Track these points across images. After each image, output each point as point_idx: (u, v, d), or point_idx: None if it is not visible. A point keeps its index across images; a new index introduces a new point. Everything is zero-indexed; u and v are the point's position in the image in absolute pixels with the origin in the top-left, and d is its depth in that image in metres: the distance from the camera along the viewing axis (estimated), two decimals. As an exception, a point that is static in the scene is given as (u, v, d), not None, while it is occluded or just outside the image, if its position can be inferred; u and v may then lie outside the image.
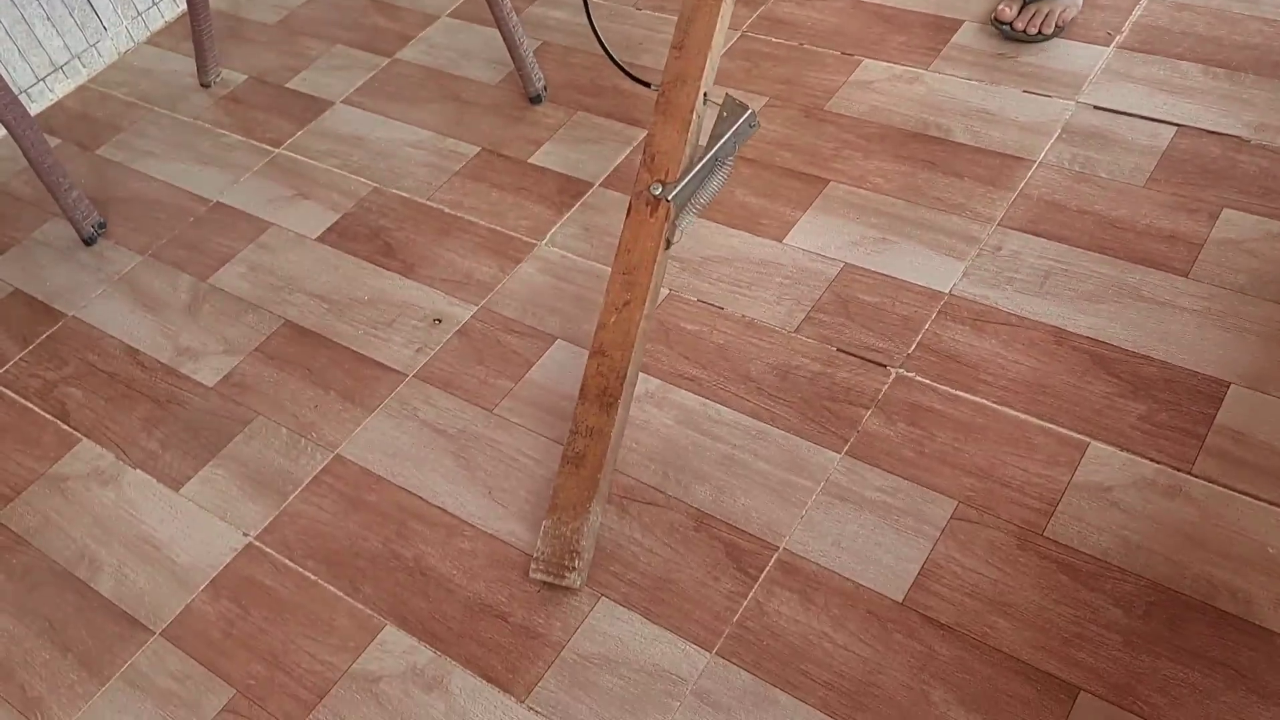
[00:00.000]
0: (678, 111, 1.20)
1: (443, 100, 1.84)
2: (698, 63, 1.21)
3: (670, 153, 1.21)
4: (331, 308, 1.53)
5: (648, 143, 1.21)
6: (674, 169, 1.20)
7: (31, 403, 1.50)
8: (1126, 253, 1.38)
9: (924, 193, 1.50)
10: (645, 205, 1.21)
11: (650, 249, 1.20)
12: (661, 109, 1.22)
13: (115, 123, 1.94)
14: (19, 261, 1.71)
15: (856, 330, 1.36)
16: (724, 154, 1.23)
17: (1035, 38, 1.67)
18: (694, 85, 1.21)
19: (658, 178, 1.20)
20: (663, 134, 1.21)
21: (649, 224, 1.20)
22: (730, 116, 1.23)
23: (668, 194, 1.19)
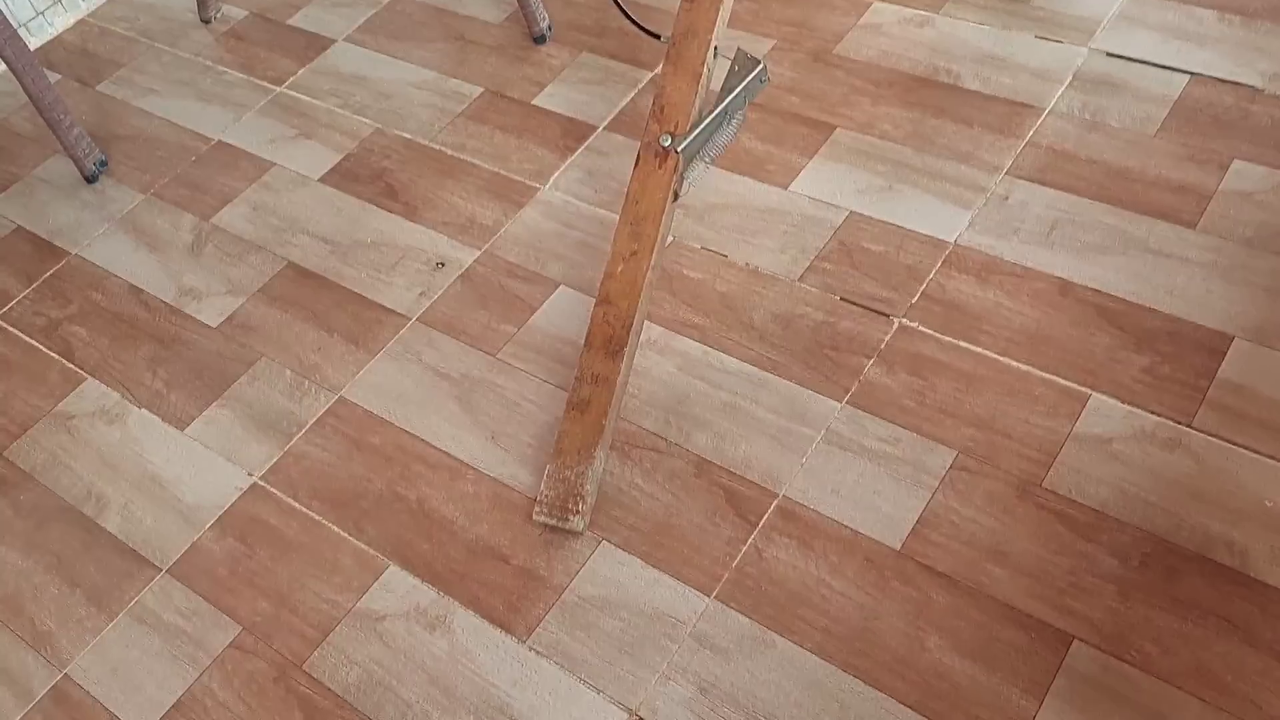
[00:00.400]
0: (688, 64, 1.20)
1: (446, 39, 1.82)
2: (709, 15, 1.20)
3: (680, 104, 1.20)
4: (334, 250, 1.53)
5: (657, 94, 1.21)
6: (684, 121, 1.19)
7: (36, 340, 1.50)
8: (1134, 204, 1.37)
9: (932, 140, 1.49)
10: (654, 156, 1.21)
11: (659, 200, 1.21)
12: (672, 60, 1.21)
13: (115, 58, 1.92)
14: (21, 198, 1.71)
15: (860, 279, 1.35)
16: (734, 107, 1.22)
17: None
18: (705, 38, 1.20)
19: (667, 129, 1.19)
20: (673, 85, 1.20)
21: (657, 175, 1.20)
22: (741, 70, 1.23)
23: (677, 145, 1.19)
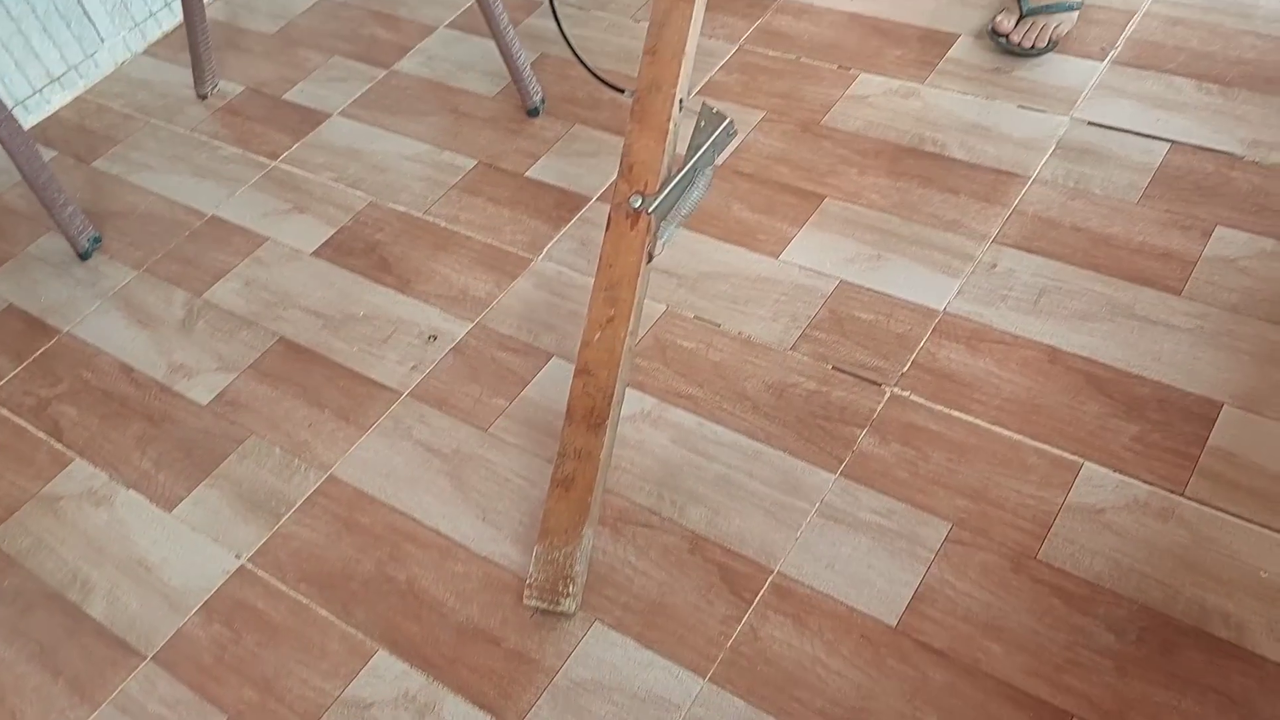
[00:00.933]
0: (654, 119, 1.17)
1: (440, 112, 1.84)
2: (672, 68, 1.17)
3: (648, 163, 1.17)
4: (327, 324, 1.53)
5: (625, 152, 1.18)
6: (653, 180, 1.17)
7: (25, 420, 1.50)
8: (1120, 270, 1.38)
9: (919, 209, 1.50)
10: (625, 218, 1.17)
11: (632, 263, 1.18)
12: (637, 117, 1.18)
13: (112, 135, 1.94)
14: (13, 276, 1.71)
15: (852, 348, 1.36)
16: (704, 163, 1.21)
17: (1030, 51, 1.67)
18: (669, 92, 1.17)
19: (636, 189, 1.16)
20: (640, 143, 1.17)
21: (629, 237, 1.18)
22: (708, 125, 1.21)
23: (648, 206, 1.16)
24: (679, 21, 1.18)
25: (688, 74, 1.21)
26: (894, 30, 1.79)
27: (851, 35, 1.80)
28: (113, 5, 2.04)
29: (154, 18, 2.12)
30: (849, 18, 1.83)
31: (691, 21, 1.18)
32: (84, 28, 2.01)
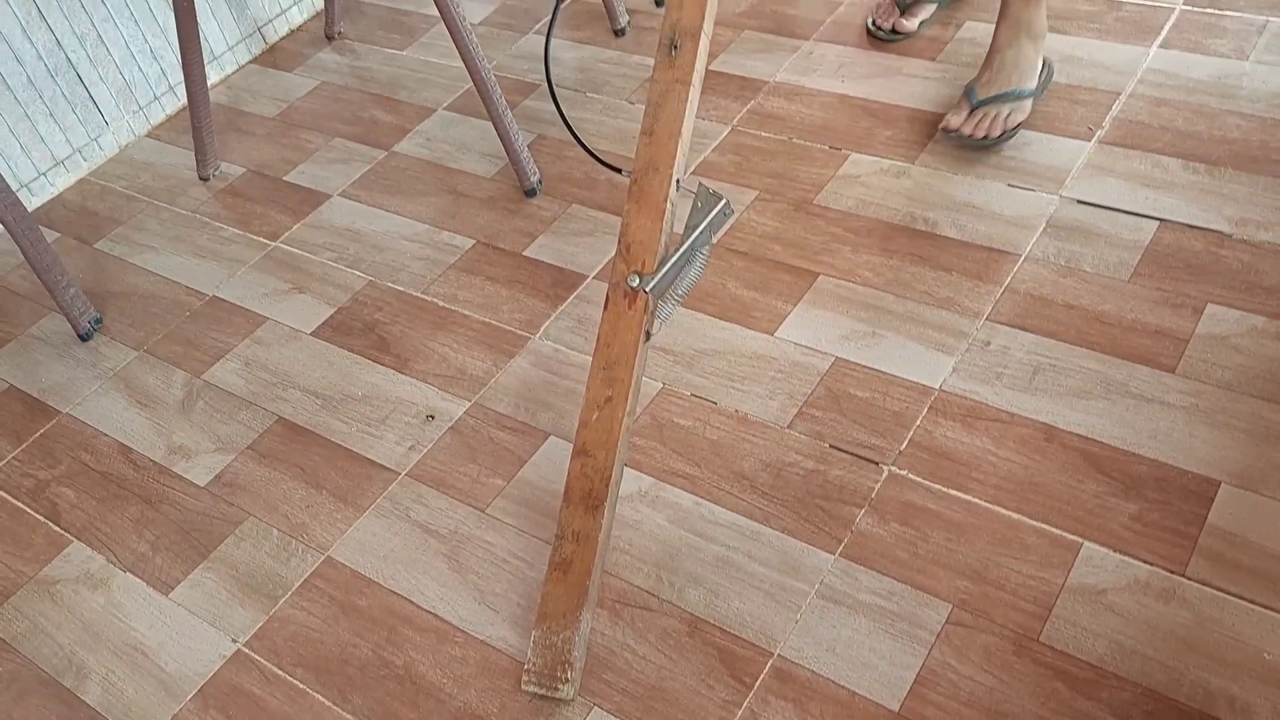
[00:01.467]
0: (651, 199, 1.18)
1: (439, 193, 1.86)
2: (669, 149, 1.18)
3: (646, 242, 1.18)
4: (325, 404, 1.54)
5: (623, 232, 1.18)
6: (650, 259, 1.17)
7: (23, 503, 1.49)
8: (1113, 348, 1.39)
9: (912, 286, 1.52)
10: (623, 297, 1.18)
11: (630, 342, 1.18)
12: (635, 197, 1.19)
13: (114, 216, 1.96)
14: (14, 358, 1.72)
15: (849, 426, 1.36)
16: (700, 242, 1.22)
17: (984, 142, 1.68)
18: (666, 172, 1.18)
19: (634, 268, 1.17)
20: (637, 223, 1.18)
21: (628, 316, 1.18)
22: (705, 206, 1.22)
23: (645, 285, 1.17)
24: (675, 104, 1.19)
25: (684, 155, 1.22)
26: (883, 111, 1.83)
27: (842, 116, 1.83)
28: (118, 89, 2.08)
29: (158, 101, 2.16)
30: (839, 99, 1.87)
31: (688, 104, 1.19)
32: (89, 112, 2.05)
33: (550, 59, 2.09)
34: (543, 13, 2.25)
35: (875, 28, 1.97)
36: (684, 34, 1.17)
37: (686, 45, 1.17)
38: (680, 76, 1.17)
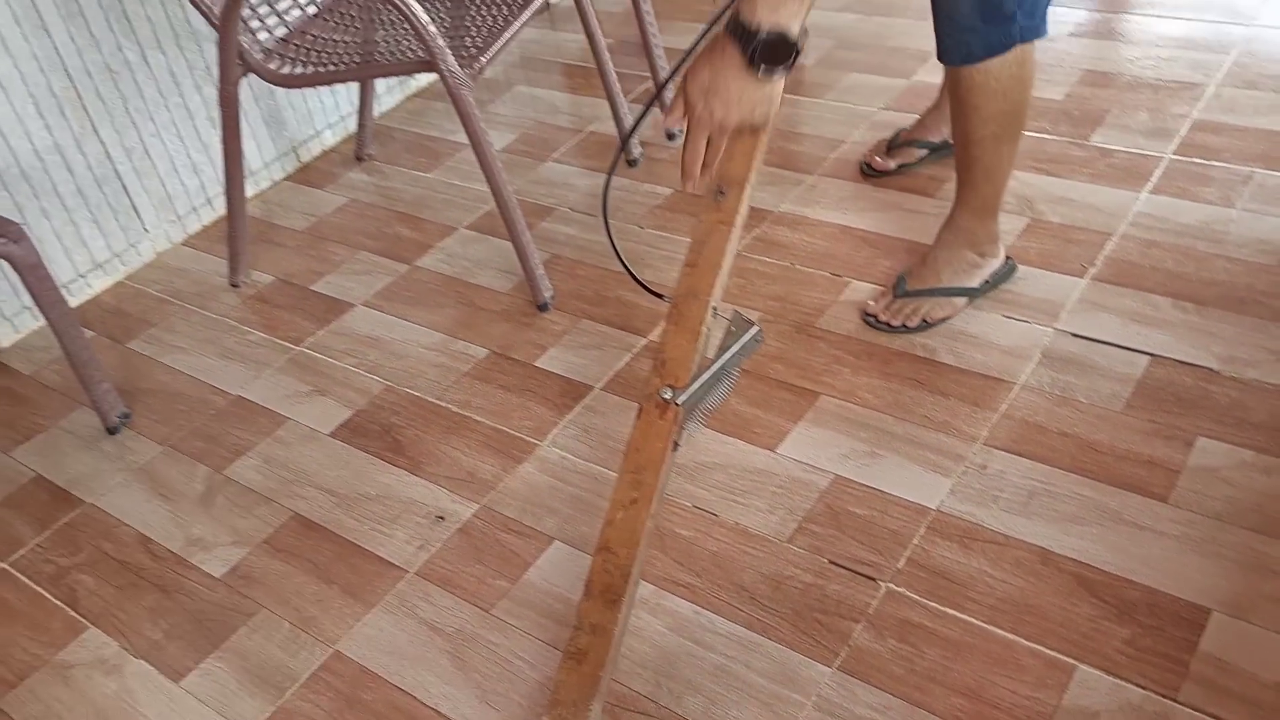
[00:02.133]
0: (689, 323, 1.26)
1: (457, 305, 1.94)
2: (709, 280, 1.27)
3: (680, 360, 1.26)
4: (339, 502, 1.59)
5: (659, 349, 1.27)
6: (683, 375, 1.25)
7: (43, 588, 1.53)
8: (1107, 476, 1.44)
9: (911, 409, 1.58)
10: (655, 407, 1.25)
11: (659, 450, 1.24)
12: (674, 319, 1.28)
13: (147, 318, 2.05)
14: (43, 448, 1.78)
15: (847, 542, 1.40)
16: (730, 365, 1.29)
17: (900, 330, 1.71)
18: (704, 300, 1.28)
19: (668, 382, 1.24)
20: (674, 342, 1.26)
21: (658, 425, 1.24)
22: (738, 331, 1.30)
23: (677, 398, 1.24)
24: (718, 241, 1.28)
25: (723, 285, 1.31)
26: (882, 242, 1.91)
27: (843, 246, 1.92)
28: (159, 200, 2.19)
29: (195, 212, 2.27)
30: (840, 230, 1.96)
31: (729, 242, 1.28)
32: (130, 219, 2.15)
33: (565, 186, 2.20)
34: (559, 143, 2.38)
35: (864, 165, 2.10)
36: (730, 182, 1.27)
37: (732, 192, 1.27)
38: (724, 218, 1.27)
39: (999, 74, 1.52)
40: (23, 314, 2.03)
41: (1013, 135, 1.60)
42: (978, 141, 1.60)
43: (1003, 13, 1.47)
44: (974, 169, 1.64)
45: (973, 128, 1.58)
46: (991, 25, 1.48)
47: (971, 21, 1.48)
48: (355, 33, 1.94)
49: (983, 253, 1.72)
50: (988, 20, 1.47)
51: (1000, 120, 1.57)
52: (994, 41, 1.49)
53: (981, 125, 1.57)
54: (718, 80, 1.15)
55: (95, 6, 1.98)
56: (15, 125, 1.92)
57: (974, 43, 1.50)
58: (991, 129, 1.57)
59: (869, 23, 2.63)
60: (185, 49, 2.15)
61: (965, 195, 1.68)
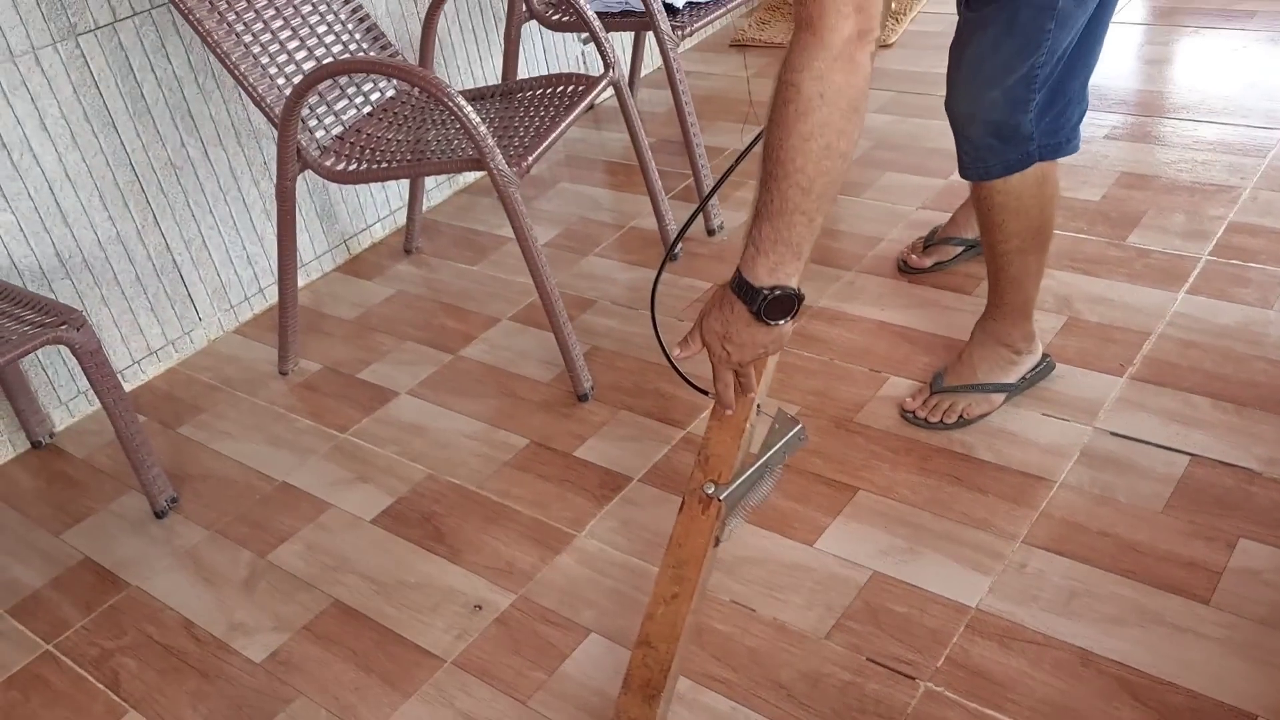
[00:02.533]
0: (734, 420, 1.28)
1: (499, 395, 1.98)
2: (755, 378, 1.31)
3: (724, 456, 1.27)
4: (380, 589, 1.60)
5: (704, 444, 1.28)
6: (727, 471, 1.26)
7: (86, 671, 1.55)
8: (1148, 577, 1.42)
9: (949, 506, 1.58)
10: (698, 503, 1.26)
11: (701, 545, 1.25)
12: (718, 415, 1.28)
13: (198, 404, 2.10)
14: (92, 531, 1.81)
15: (886, 640, 1.39)
16: (773, 462, 1.30)
17: (938, 426, 1.72)
18: (750, 398, 1.29)
19: (711, 477, 1.25)
20: (718, 438, 1.28)
21: (701, 520, 1.25)
22: (782, 429, 1.30)
23: (720, 494, 1.24)
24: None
25: (767, 383, 1.33)
26: (920, 338, 1.93)
27: (881, 342, 1.94)
28: (214, 289, 2.27)
29: (247, 301, 2.34)
30: (879, 325, 1.99)
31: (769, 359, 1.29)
32: (186, 308, 2.23)
33: (606, 279, 2.25)
34: (601, 238, 2.43)
35: (901, 262, 2.13)
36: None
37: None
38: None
39: (1019, 192, 1.54)
40: (78, 398, 2.09)
41: (1038, 248, 1.62)
42: (1003, 254, 1.62)
43: (1020, 134, 1.50)
44: (1001, 279, 1.66)
45: (997, 242, 1.61)
46: (1009, 145, 1.51)
47: (987, 141, 1.51)
48: (407, 131, 2.02)
49: (1019, 350, 1.73)
50: (1004, 140, 1.51)
51: (1023, 235, 1.59)
52: (1012, 160, 1.52)
53: (1005, 240, 1.60)
54: (730, 330, 1.21)
55: (162, 105, 2.08)
56: (81, 216, 2.01)
57: (991, 161, 1.53)
58: (1015, 244, 1.60)
59: (906, 124, 2.69)
60: (245, 146, 2.25)
61: (997, 300, 1.71)
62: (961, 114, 1.52)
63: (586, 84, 2.05)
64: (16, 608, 1.67)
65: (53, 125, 1.94)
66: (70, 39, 1.93)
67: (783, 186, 1.13)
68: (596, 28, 2.07)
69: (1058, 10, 1.38)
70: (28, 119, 1.90)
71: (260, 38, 1.95)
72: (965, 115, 1.52)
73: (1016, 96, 1.47)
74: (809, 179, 1.12)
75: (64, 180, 1.97)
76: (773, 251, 1.16)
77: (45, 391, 2.04)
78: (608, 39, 2.08)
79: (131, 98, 2.03)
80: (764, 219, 1.16)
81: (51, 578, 1.72)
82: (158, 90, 2.07)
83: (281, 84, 1.94)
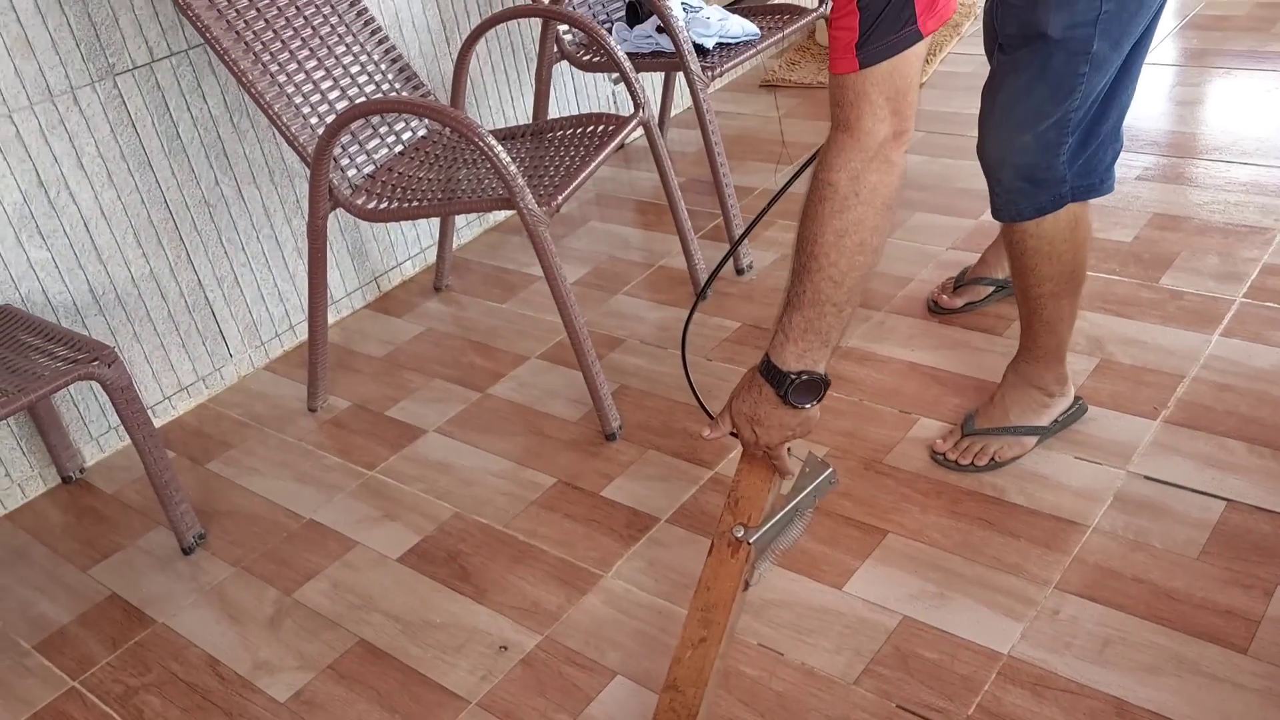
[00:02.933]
0: (763, 463, 1.28)
1: (526, 433, 1.98)
2: None
3: (754, 499, 1.26)
4: (405, 629, 1.60)
5: (733, 487, 1.28)
6: (756, 515, 1.25)
7: (111, 708, 1.55)
8: (1184, 625, 1.40)
9: (981, 550, 1.55)
10: (727, 546, 1.25)
11: (729, 589, 1.24)
12: (748, 458, 1.29)
13: (227, 440, 2.11)
14: (119, 567, 1.82)
15: (916, 686, 1.37)
16: (803, 506, 1.29)
17: (968, 469, 1.70)
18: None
19: (740, 520, 1.25)
20: (748, 481, 1.27)
21: (730, 564, 1.24)
22: (812, 472, 1.30)
23: (749, 537, 1.23)
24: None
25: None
26: (950, 380, 1.92)
27: (911, 383, 1.93)
28: (245, 326, 2.29)
29: (278, 338, 2.36)
30: (908, 366, 1.97)
31: None
32: (217, 344, 2.25)
33: (635, 318, 2.25)
34: (630, 277, 2.44)
35: (931, 303, 2.12)
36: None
37: None
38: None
39: (1051, 235, 1.53)
40: (109, 434, 2.11)
41: (1072, 291, 1.61)
42: (1036, 299, 1.61)
43: (1053, 177, 1.49)
44: (1034, 322, 1.65)
45: (1030, 286, 1.60)
46: (1041, 188, 1.50)
47: (1018, 185, 1.50)
48: (439, 170, 2.04)
49: (1051, 393, 1.71)
50: (1036, 184, 1.50)
51: (1056, 279, 1.58)
52: (1044, 203, 1.51)
53: (1038, 285, 1.59)
54: (758, 412, 1.24)
55: (197, 144, 2.11)
56: (115, 253, 2.04)
57: (1023, 204, 1.52)
58: (1049, 288, 1.59)
59: (936, 164, 2.69)
60: (278, 184, 2.27)
61: (1029, 343, 1.69)
62: (993, 158, 1.52)
63: (617, 124, 2.06)
64: (44, 643, 1.68)
65: (89, 164, 1.97)
66: (108, 79, 1.96)
67: (815, 279, 1.17)
68: (627, 68, 2.09)
69: (1092, 55, 1.38)
70: (65, 158, 1.93)
71: (294, 78, 1.97)
72: (996, 160, 1.51)
73: (1049, 141, 1.46)
74: (841, 273, 1.16)
75: (99, 218, 2.00)
76: (802, 339, 1.19)
77: (76, 427, 2.06)
78: (638, 79, 2.10)
79: (167, 136, 2.07)
80: (795, 308, 1.19)
81: (79, 614, 1.73)
82: (193, 129, 2.10)
83: (315, 123, 1.96)
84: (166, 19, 2.02)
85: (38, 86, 1.87)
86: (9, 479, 1.98)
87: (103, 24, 1.94)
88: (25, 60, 1.85)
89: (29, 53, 1.85)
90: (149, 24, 2.00)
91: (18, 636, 1.70)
